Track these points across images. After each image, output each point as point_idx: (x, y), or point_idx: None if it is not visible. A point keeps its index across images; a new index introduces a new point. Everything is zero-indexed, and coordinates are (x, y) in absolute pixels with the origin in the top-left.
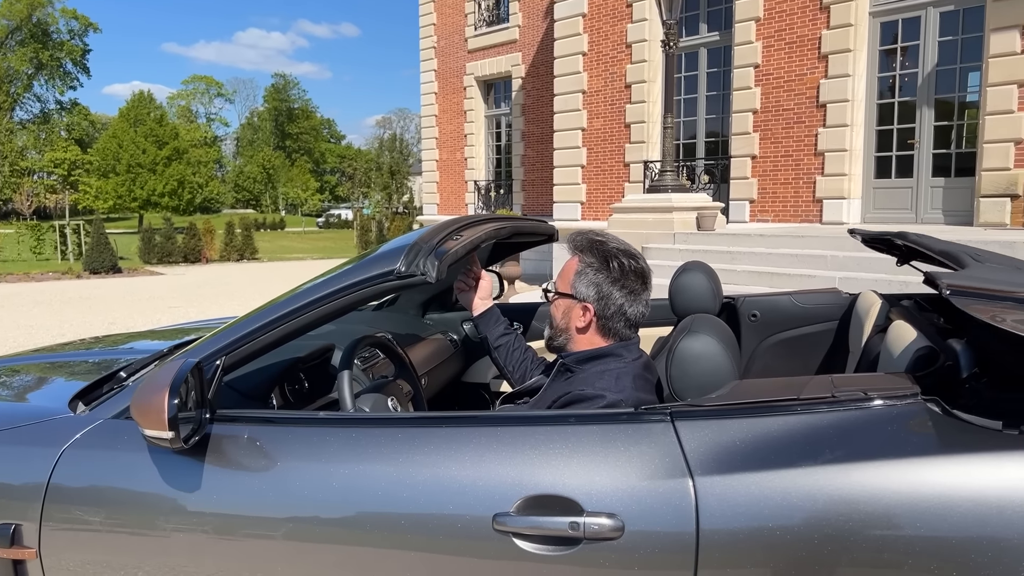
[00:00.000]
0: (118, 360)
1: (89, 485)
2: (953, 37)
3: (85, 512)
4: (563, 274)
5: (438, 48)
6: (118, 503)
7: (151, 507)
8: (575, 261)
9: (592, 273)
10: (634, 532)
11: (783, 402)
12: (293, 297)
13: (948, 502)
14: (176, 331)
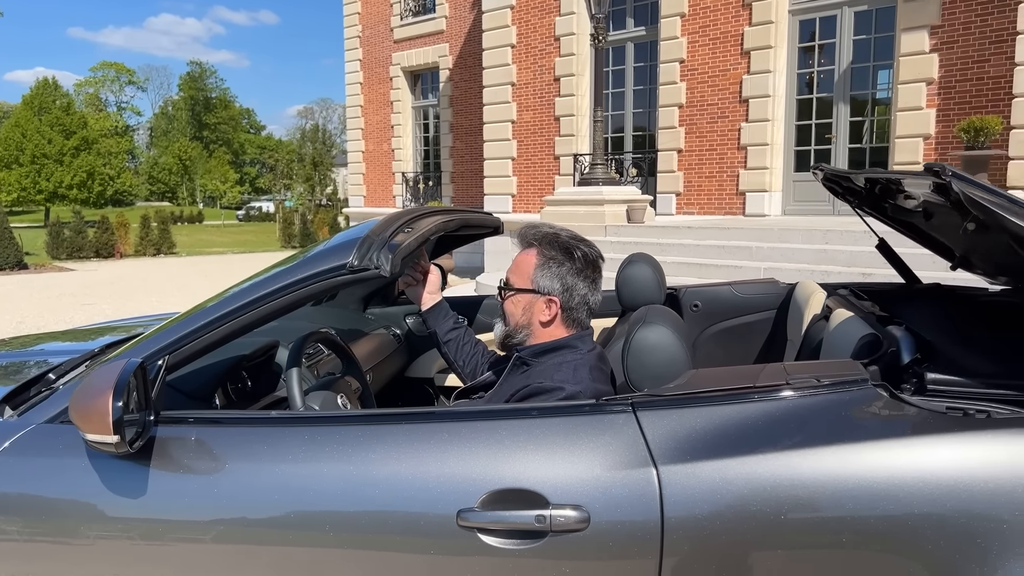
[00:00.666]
0: (27, 362)
1: (23, 493)
2: (867, 36)
3: (20, 522)
4: (518, 270)
5: (363, 38)
6: (57, 512)
7: (94, 516)
8: (532, 255)
9: (555, 266)
10: (600, 523)
11: (740, 390)
12: (240, 292)
13: (900, 482)
14: (94, 331)
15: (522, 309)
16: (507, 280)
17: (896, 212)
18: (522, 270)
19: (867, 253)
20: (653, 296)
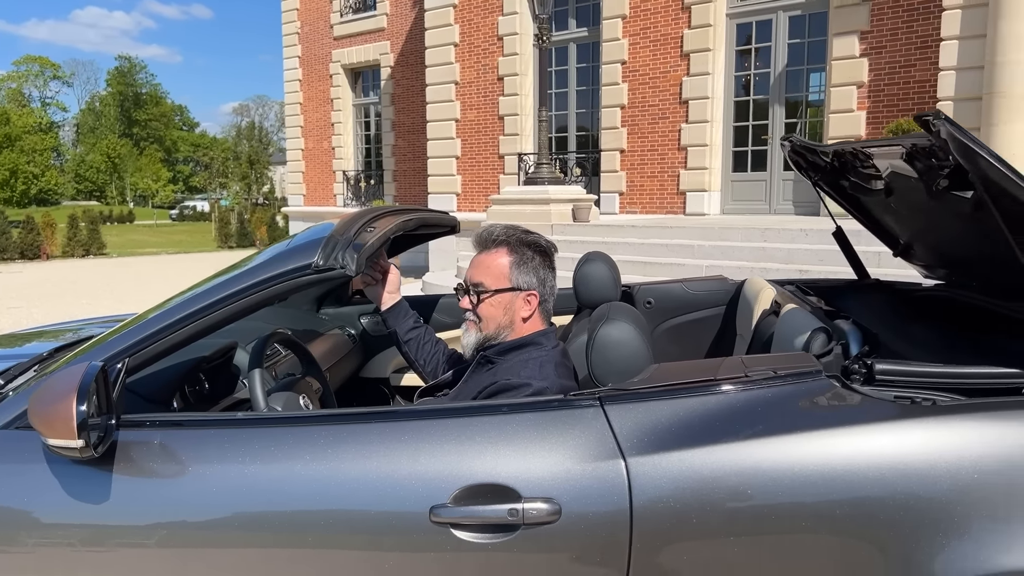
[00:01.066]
0: None
1: None
2: (801, 40)
3: None
4: (491, 272)
5: (302, 34)
6: (16, 520)
7: (56, 523)
8: (504, 254)
9: (529, 262)
10: (571, 514)
11: (703, 383)
12: (203, 293)
13: (853, 468)
14: (28, 336)
15: (503, 309)
16: (478, 283)
17: (855, 189)
18: (495, 271)
19: (803, 251)
20: (609, 294)
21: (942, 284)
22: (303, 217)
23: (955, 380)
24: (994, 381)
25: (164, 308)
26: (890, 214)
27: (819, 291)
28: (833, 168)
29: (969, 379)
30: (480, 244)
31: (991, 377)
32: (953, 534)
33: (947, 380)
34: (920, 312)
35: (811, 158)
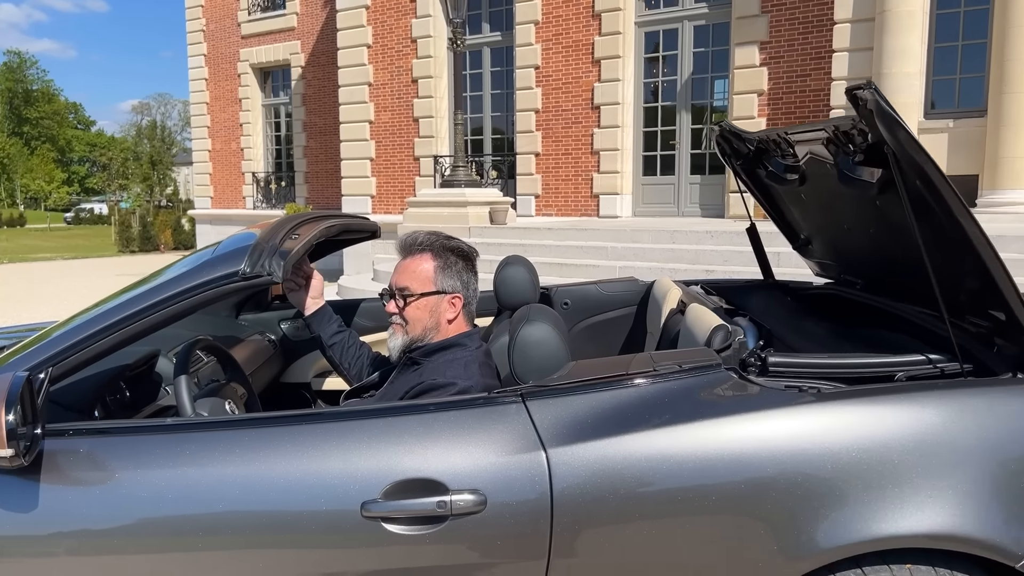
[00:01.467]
0: None
1: None
2: (705, 49)
3: None
4: (416, 276)
5: (207, 32)
6: None
7: None
8: (428, 260)
9: (452, 266)
10: (496, 504)
11: (616, 377)
12: (129, 301)
13: (750, 451)
14: None
15: (429, 312)
16: (403, 287)
17: (770, 178)
18: (420, 276)
19: (709, 252)
20: (529, 295)
21: (831, 283)
22: (211, 220)
23: (838, 369)
24: (871, 369)
25: (88, 316)
26: (798, 205)
27: (721, 291)
28: (755, 156)
29: (850, 368)
30: (404, 250)
31: (869, 366)
32: (834, 506)
33: (831, 369)
34: (811, 309)
35: (736, 144)
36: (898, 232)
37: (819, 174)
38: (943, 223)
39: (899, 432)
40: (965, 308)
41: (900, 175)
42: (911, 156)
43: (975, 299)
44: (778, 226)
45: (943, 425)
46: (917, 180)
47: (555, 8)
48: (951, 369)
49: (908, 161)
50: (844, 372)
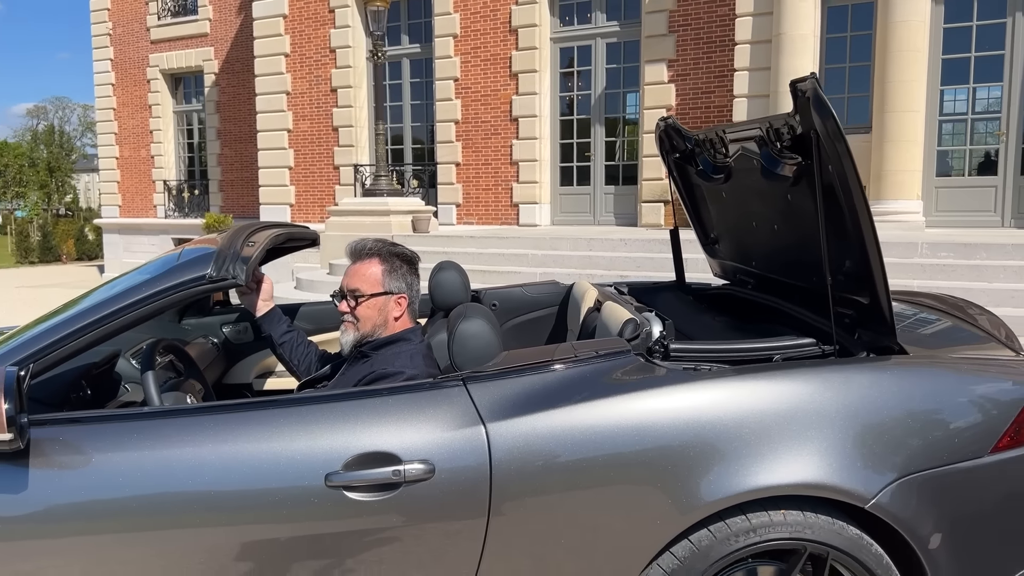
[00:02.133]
0: None
1: None
2: (617, 65)
3: None
4: (366, 279)
5: (114, 36)
6: None
7: None
8: (376, 264)
9: (398, 269)
10: (443, 471)
11: (542, 363)
12: (103, 303)
13: (654, 422)
14: None
15: (378, 311)
16: (354, 289)
17: (699, 176)
18: (370, 278)
19: (623, 258)
20: (462, 297)
21: (728, 284)
22: (119, 229)
23: (727, 353)
24: (753, 352)
25: (64, 316)
26: (717, 203)
27: (632, 292)
28: (690, 153)
29: (737, 352)
30: (354, 255)
31: (752, 350)
32: (719, 465)
33: (721, 354)
34: (709, 307)
35: (676, 141)
36: (797, 228)
37: (743, 170)
38: (844, 210)
39: (774, 402)
40: (842, 297)
41: (819, 162)
42: (835, 144)
43: (852, 285)
44: (693, 225)
45: (810, 396)
46: (832, 166)
47: (473, 22)
48: (816, 353)
49: (831, 148)
50: (732, 356)
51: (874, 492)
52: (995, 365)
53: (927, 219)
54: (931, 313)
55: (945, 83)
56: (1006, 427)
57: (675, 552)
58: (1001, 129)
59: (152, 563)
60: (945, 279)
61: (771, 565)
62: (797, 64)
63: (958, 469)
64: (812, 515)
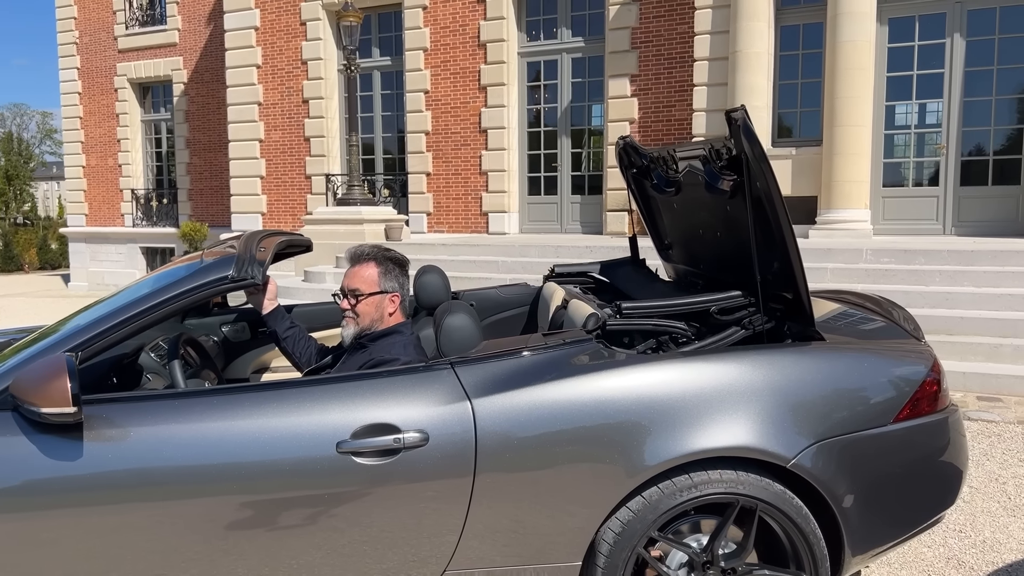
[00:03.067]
0: None
1: None
2: (582, 79)
3: None
4: (364, 280)
5: (80, 44)
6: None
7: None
8: (372, 267)
9: (391, 271)
10: (436, 438)
11: (517, 349)
12: (139, 300)
13: (609, 395)
14: None
15: (375, 307)
16: (354, 289)
17: (654, 188)
18: (368, 279)
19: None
20: (443, 297)
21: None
22: (86, 239)
23: (671, 308)
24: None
25: (100, 312)
26: (669, 212)
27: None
28: (646, 169)
29: (680, 306)
30: (353, 259)
31: (690, 303)
32: (664, 432)
33: (666, 309)
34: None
35: (634, 157)
36: (736, 235)
37: (690, 184)
38: (769, 219)
39: (711, 380)
40: (771, 293)
41: (748, 178)
42: (760, 164)
43: (778, 283)
44: (650, 232)
45: (742, 374)
46: (759, 183)
47: (443, 37)
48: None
49: (757, 168)
50: (675, 310)
51: (794, 453)
52: (899, 350)
53: (875, 227)
54: (856, 309)
55: (890, 99)
56: (906, 401)
57: (630, 506)
58: (941, 143)
59: (186, 521)
60: (887, 283)
61: (711, 519)
62: (752, 80)
63: (866, 435)
64: (743, 473)
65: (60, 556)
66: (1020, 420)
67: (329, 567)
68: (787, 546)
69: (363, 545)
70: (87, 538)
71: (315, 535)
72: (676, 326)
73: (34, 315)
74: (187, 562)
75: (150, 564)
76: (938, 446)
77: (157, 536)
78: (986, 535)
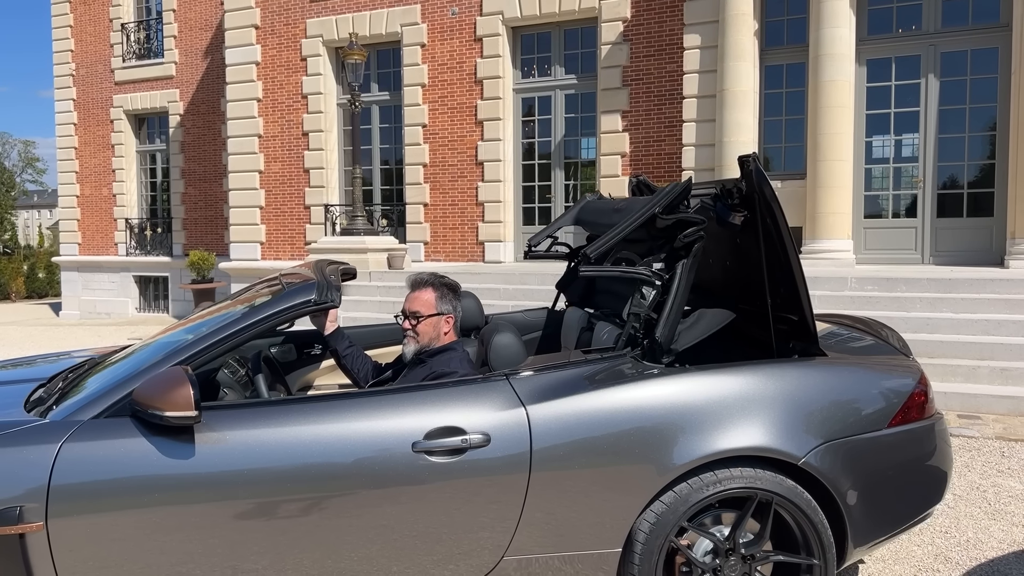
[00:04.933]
0: None
1: (94, 469)
2: (575, 114)
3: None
4: (424, 303)
5: (77, 76)
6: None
7: (165, 474)
8: (431, 291)
9: (446, 295)
10: (497, 439)
11: (563, 363)
12: (233, 321)
13: (643, 403)
14: None
15: (433, 327)
16: (416, 311)
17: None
18: (427, 302)
19: None
20: (479, 320)
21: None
22: (79, 267)
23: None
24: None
25: (199, 333)
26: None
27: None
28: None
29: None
30: (414, 285)
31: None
32: (691, 435)
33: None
34: None
35: (646, 193)
36: (744, 265)
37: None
38: (778, 250)
39: (732, 389)
40: (778, 316)
41: (760, 217)
42: (770, 204)
43: (786, 305)
44: None
45: (758, 384)
46: (769, 220)
47: (440, 73)
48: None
49: (766, 208)
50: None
51: (804, 453)
52: (890, 365)
53: (857, 256)
54: (855, 331)
55: (869, 134)
56: (898, 408)
57: (663, 500)
58: (918, 176)
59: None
60: (871, 309)
61: (730, 512)
62: (739, 117)
63: (865, 438)
64: (760, 471)
65: (165, 543)
66: (998, 436)
67: (385, 558)
68: (798, 535)
69: (415, 539)
70: (184, 528)
71: (376, 529)
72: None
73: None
74: (256, 555)
75: (225, 556)
76: (927, 449)
77: (237, 528)
78: (969, 535)
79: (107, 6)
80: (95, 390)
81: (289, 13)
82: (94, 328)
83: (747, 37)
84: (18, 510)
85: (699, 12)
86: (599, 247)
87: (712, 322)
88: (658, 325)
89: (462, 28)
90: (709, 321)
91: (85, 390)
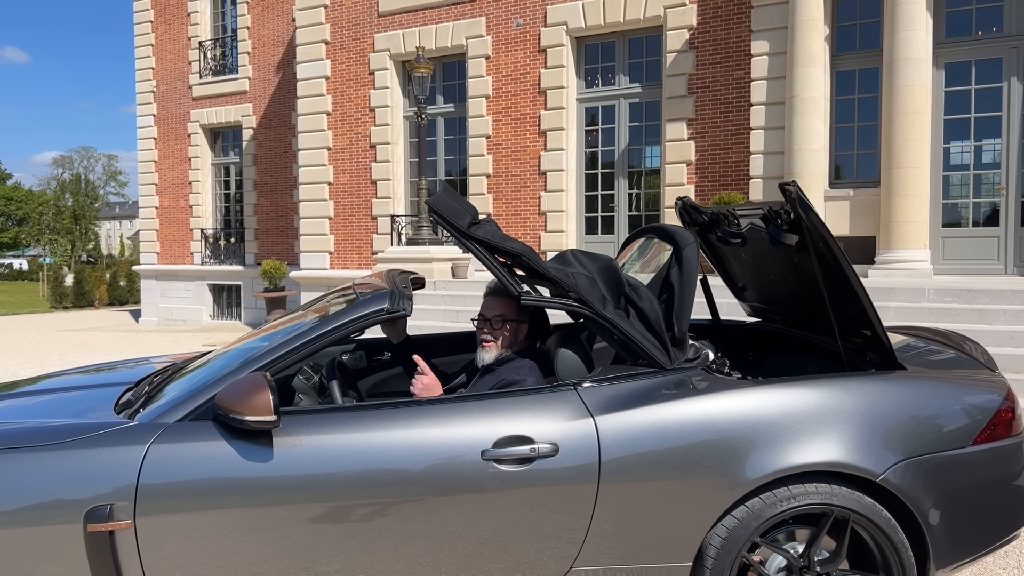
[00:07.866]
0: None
1: (178, 469)
2: (639, 123)
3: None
4: (507, 307)
5: (157, 93)
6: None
7: (247, 476)
8: (510, 298)
9: None
10: (565, 449)
11: (631, 374)
12: (310, 329)
13: (716, 415)
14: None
15: (514, 333)
16: (501, 314)
17: (719, 240)
18: (510, 308)
19: None
20: None
21: (759, 321)
22: (157, 276)
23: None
24: None
25: (276, 340)
26: (738, 262)
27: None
28: (708, 224)
29: None
30: (494, 292)
31: None
32: (765, 448)
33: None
34: (747, 338)
35: (693, 215)
36: (806, 280)
37: (755, 239)
38: (835, 272)
39: (807, 402)
40: (849, 330)
41: (810, 241)
42: (817, 229)
43: (854, 323)
44: (722, 278)
45: (834, 399)
46: (820, 244)
47: (504, 85)
48: None
49: (815, 232)
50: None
51: (883, 469)
52: (975, 379)
53: (934, 267)
54: (933, 344)
55: (948, 141)
56: (983, 425)
57: (735, 514)
58: (1001, 183)
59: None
60: (950, 322)
61: (805, 528)
62: (809, 124)
63: (948, 455)
64: (837, 487)
65: (243, 543)
66: None
67: (454, 565)
68: (876, 554)
69: (483, 547)
70: (260, 530)
71: (445, 535)
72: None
73: (114, 349)
74: (328, 559)
75: (299, 559)
76: (1014, 468)
77: (311, 531)
78: None
79: (186, 25)
80: (179, 394)
81: (358, 28)
82: (171, 334)
83: (817, 42)
84: (108, 508)
85: (767, 18)
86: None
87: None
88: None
89: (526, 39)
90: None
91: (170, 394)
